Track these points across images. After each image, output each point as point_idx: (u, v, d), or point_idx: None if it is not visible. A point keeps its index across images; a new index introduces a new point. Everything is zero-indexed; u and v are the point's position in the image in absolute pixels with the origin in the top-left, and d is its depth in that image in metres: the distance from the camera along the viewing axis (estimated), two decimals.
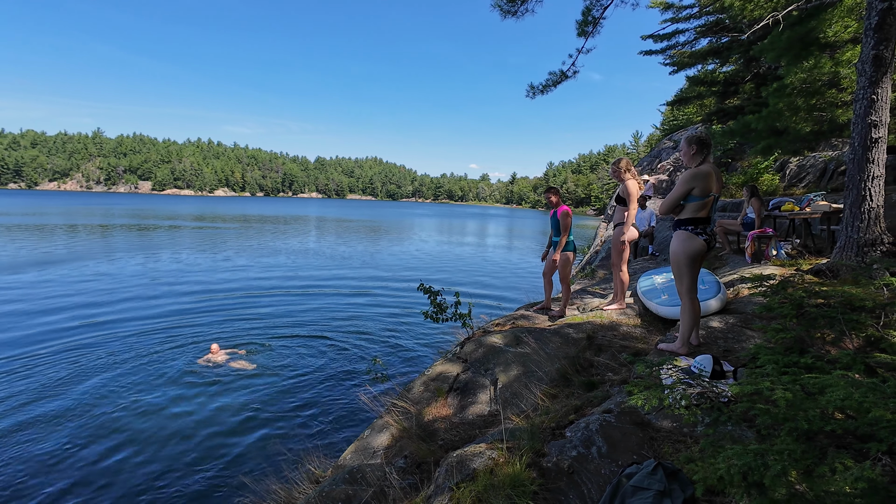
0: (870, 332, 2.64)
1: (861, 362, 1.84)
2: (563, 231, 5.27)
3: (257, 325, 9.66)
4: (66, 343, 8.19)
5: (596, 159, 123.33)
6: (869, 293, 3.03)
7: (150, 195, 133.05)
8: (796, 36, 7.07)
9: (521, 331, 4.65)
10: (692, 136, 3.24)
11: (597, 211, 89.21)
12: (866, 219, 4.63)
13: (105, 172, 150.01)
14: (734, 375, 2.61)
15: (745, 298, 4.41)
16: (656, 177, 17.29)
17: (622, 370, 3.45)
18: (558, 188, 5.59)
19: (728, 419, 1.54)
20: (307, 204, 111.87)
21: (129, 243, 22.69)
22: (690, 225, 3.19)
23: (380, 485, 2.61)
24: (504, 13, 7.57)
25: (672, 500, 1.63)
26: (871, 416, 1.17)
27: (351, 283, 14.62)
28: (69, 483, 4.48)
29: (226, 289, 13.09)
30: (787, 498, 1.19)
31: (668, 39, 17.18)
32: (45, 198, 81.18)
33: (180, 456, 4.97)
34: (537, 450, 2.20)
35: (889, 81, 4.59)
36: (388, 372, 6.40)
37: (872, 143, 4.56)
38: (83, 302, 10.98)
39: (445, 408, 3.65)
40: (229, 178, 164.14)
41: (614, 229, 5.26)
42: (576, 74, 7.99)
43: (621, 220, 5.13)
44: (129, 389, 6.50)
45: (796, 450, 1.15)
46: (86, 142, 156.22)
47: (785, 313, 2.84)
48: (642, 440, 2.17)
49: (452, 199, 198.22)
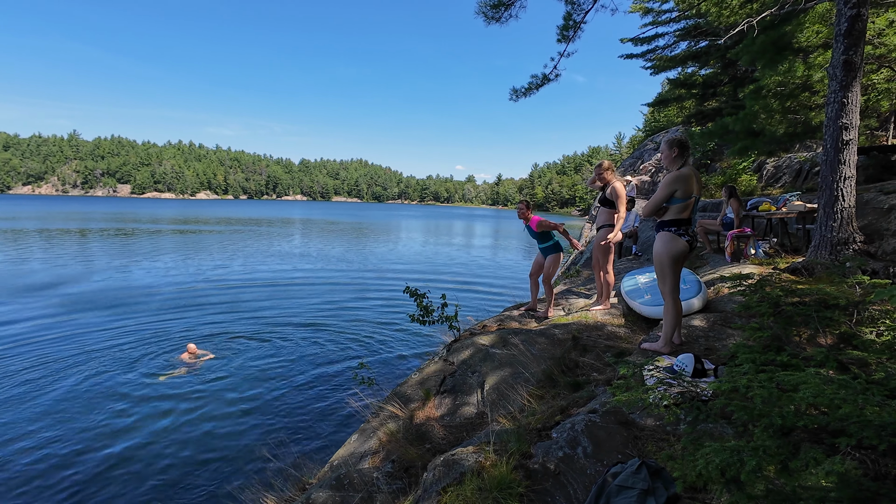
0: (843, 329, 2.73)
1: (834, 359, 1.91)
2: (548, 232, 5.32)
3: (241, 328, 9.53)
4: (33, 348, 7.98)
5: (580, 160, 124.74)
6: (842, 291, 3.13)
7: (129, 199, 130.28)
8: (770, 40, 7.28)
9: (508, 332, 4.68)
10: (673, 139, 3.29)
11: (581, 211, 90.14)
12: (839, 218, 4.78)
13: (82, 176, 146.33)
14: (715, 373, 2.67)
15: (725, 297, 4.51)
16: (639, 178, 17.56)
17: (607, 370, 3.50)
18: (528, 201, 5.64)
19: (707, 417, 1.58)
20: (292, 206, 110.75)
21: (108, 248, 22.16)
22: (673, 226, 3.25)
23: (367, 490, 2.60)
24: (488, 19, 7.63)
25: (656, 498, 1.66)
26: (842, 412, 1.22)
27: (336, 286, 14.52)
28: (45, 498, 4.35)
29: (208, 290, 12.88)
30: (764, 492, 1.23)
31: (648, 43, 17.50)
32: (18, 202, 78.74)
33: (162, 464, 4.88)
34: (524, 451, 2.22)
35: (859, 85, 4.75)
36: (374, 375, 6.37)
37: (844, 145, 4.72)
38: (61, 305, 10.69)
39: (433, 410, 3.65)
40: (212, 180, 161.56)
41: (598, 231, 5.31)
42: (558, 77, 8.07)
43: (605, 221, 5.16)
44: (104, 397, 6.35)
45: (771, 445, 1.19)
46: (61, 144, 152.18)
47: (763, 312, 2.92)
48: (627, 439, 2.20)
49: (438, 201, 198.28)
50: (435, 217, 77.21)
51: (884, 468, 1.41)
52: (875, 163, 7.46)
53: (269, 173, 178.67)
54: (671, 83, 18.86)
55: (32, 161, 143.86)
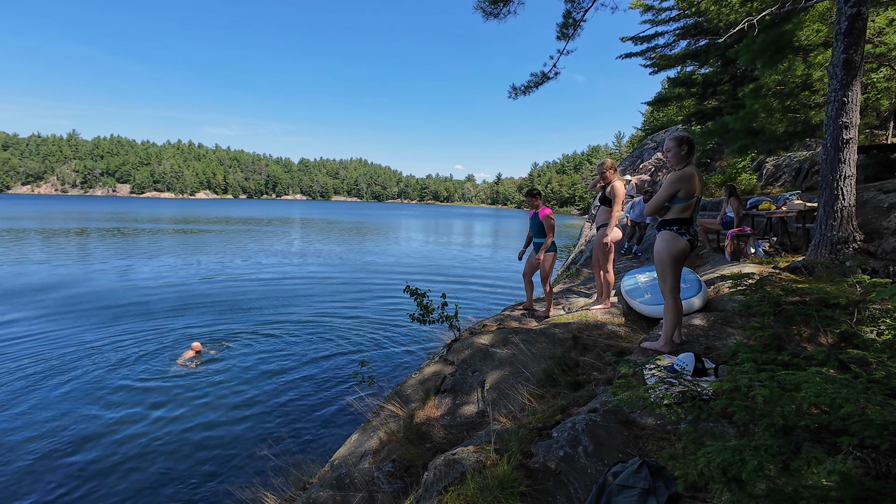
0: (843, 328, 2.73)
1: (835, 358, 1.91)
2: (549, 232, 5.32)
3: (241, 327, 9.52)
4: (36, 345, 7.98)
5: (580, 159, 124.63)
6: (842, 290, 3.13)
7: (128, 198, 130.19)
8: (770, 39, 7.27)
9: (508, 331, 4.68)
10: (682, 137, 3.24)
11: (581, 211, 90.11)
12: (839, 217, 4.78)
13: (81, 175, 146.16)
14: (715, 373, 2.67)
15: (725, 296, 4.51)
16: (638, 177, 17.56)
17: (607, 369, 3.50)
18: (539, 191, 5.63)
19: (708, 416, 1.58)
20: (291, 206, 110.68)
21: (109, 248, 22.15)
22: (675, 225, 3.25)
23: (368, 489, 2.60)
24: (487, 15, 7.62)
25: (657, 497, 1.66)
26: (844, 411, 1.21)
27: (337, 286, 14.51)
28: (45, 494, 4.35)
29: (208, 290, 12.87)
30: (765, 492, 1.23)
31: (647, 42, 17.48)
32: (17, 202, 78.68)
33: (162, 464, 4.88)
34: (525, 451, 2.22)
35: (859, 84, 4.75)
36: (375, 374, 6.37)
37: (844, 144, 4.71)
38: (63, 304, 10.68)
39: (433, 410, 3.65)
40: (211, 180, 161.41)
41: (598, 230, 5.32)
42: (557, 76, 8.07)
43: (605, 221, 5.17)
44: (105, 394, 6.35)
45: (773, 445, 1.19)
46: (61, 144, 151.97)
47: (763, 311, 2.92)
48: (627, 438, 2.20)
49: (438, 200, 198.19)
50: (434, 216, 77.20)
51: (885, 467, 1.41)
52: (875, 162, 7.46)
53: (269, 173, 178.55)
54: (671, 82, 18.85)
55: (32, 161, 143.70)
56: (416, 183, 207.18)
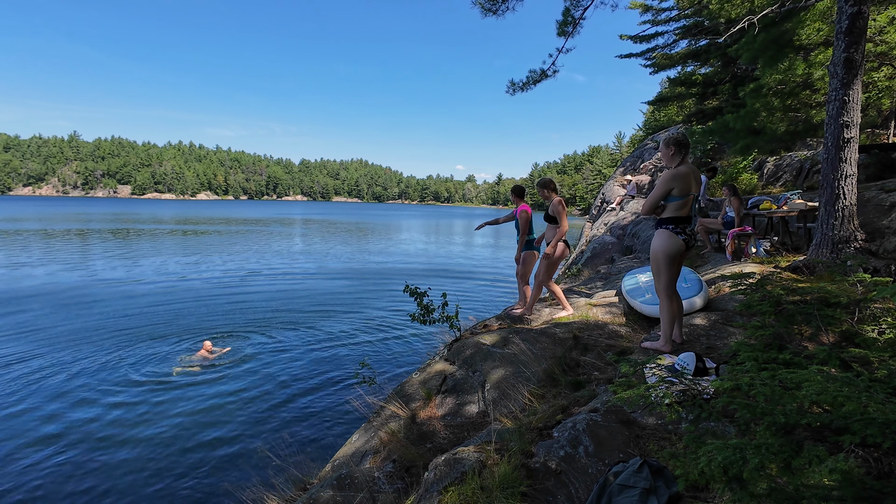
0: (845, 327, 2.72)
1: (836, 357, 1.90)
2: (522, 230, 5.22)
3: (241, 327, 9.53)
4: (44, 343, 7.99)
5: (581, 159, 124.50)
6: (843, 289, 3.13)
7: (129, 199, 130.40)
8: (771, 38, 7.26)
9: (509, 331, 4.67)
10: (670, 138, 3.31)
11: (582, 211, 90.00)
12: (840, 216, 4.77)
13: (82, 177, 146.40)
14: (716, 372, 2.67)
15: (726, 296, 4.51)
16: (639, 177, 17.55)
17: (608, 369, 3.49)
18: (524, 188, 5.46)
19: (709, 415, 1.58)
20: (292, 207, 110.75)
21: (111, 248, 22.17)
22: (671, 224, 3.26)
23: (368, 490, 2.60)
24: (485, 10, 7.59)
25: (658, 497, 1.66)
26: (845, 410, 1.21)
27: (337, 286, 14.52)
28: (45, 494, 4.36)
29: (208, 290, 12.88)
30: (767, 491, 1.23)
31: (647, 41, 17.46)
32: (19, 203, 78.84)
33: (163, 462, 4.88)
34: (525, 450, 2.21)
35: (860, 83, 4.74)
36: (376, 374, 6.36)
37: (845, 143, 4.71)
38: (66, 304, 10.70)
39: (434, 409, 3.65)
40: (212, 181, 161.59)
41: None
42: (556, 74, 8.05)
43: (551, 237, 5.07)
44: (109, 393, 6.36)
45: (774, 443, 1.18)
46: (62, 145, 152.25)
47: (764, 310, 2.92)
48: (628, 438, 2.20)
49: (439, 201, 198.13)
50: (435, 217, 77.21)
51: (887, 466, 1.40)
52: (876, 161, 7.45)
53: (270, 174, 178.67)
54: (671, 82, 18.82)
55: (33, 162, 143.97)
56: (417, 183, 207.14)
